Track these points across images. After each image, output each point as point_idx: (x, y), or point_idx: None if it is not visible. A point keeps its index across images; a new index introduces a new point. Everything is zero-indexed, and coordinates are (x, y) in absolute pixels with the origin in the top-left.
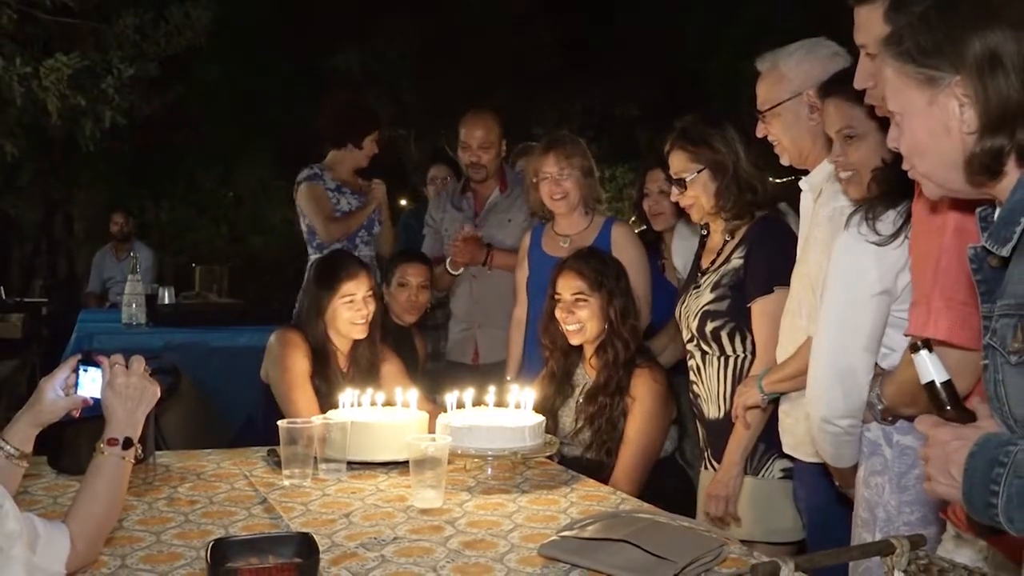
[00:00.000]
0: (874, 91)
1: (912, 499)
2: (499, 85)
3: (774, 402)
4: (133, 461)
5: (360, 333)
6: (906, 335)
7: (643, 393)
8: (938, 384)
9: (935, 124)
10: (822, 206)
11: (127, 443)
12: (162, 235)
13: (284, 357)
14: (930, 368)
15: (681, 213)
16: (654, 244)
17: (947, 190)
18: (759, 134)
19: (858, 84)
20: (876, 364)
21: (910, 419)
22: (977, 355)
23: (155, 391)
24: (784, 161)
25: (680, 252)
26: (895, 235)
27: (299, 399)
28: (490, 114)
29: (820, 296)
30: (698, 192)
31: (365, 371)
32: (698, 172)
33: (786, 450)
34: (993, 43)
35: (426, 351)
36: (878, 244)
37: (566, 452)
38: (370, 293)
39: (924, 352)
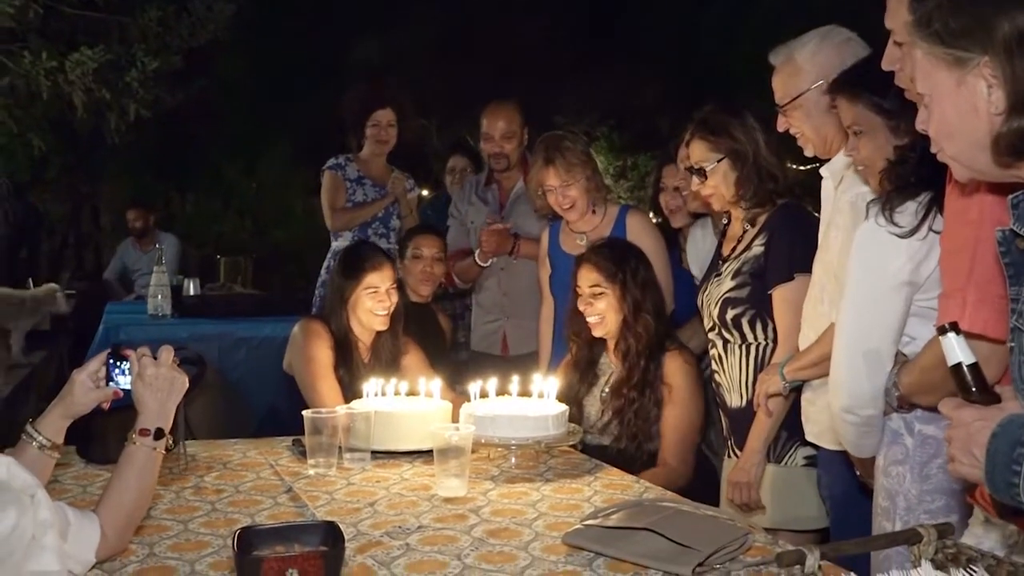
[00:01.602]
0: (901, 74)
1: (934, 487)
2: (520, 74)
3: (796, 390)
4: (164, 451)
5: (381, 325)
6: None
7: (679, 379)
8: (965, 366)
9: (963, 105)
10: (844, 192)
11: (159, 434)
12: (187, 227)
13: (308, 347)
14: (957, 350)
15: (696, 216)
16: (672, 235)
17: (975, 172)
18: (780, 128)
19: (885, 66)
20: (898, 352)
21: (927, 409)
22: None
23: (184, 381)
24: (808, 152)
25: (694, 256)
26: (918, 227)
27: (323, 389)
28: (512, 104)
29: (842, 284)
30: (718, 181)
31: (387, 363)
32: (718, 161)
33: (809, 438)
34: (1022, 23)
35: (452, 329)
36: (900, 236)
37: (589, 441)
38: (394, 286)
39: (952, 334)
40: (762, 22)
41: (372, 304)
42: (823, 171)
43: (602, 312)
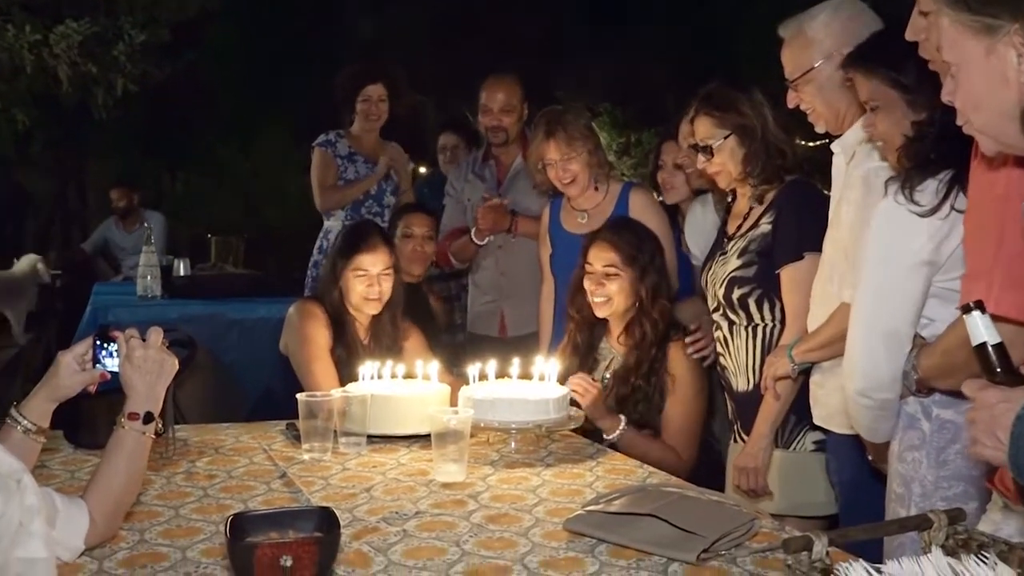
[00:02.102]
0: (927, 44)
1: (951, 474)
2: (522, 50)
3: (805, 373)
4: (153, 436)
5: (371, 309)
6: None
7: (681, 370)
8: (990, 346)
9: (992, 74)
10: (855, 167)
11: (148, 418)
12: (177, 206)
13: (303, 328)
14: (982, 329)
15: (696, 193)
16: (671, 214)
17: (1003, 144)
18: (790, 104)
19: (909, 36)
20: (916, 334)
21: (946, 393)
22: None
23: (173, 363)
24: (819, 128)
25: (693, 233)
26: (939, 206)
27: (319, 372)
28: (511, 77)
29: (856, 262)
30: (725, 159)
31: (387, 349)
32: (724, 138)
33: (817, 422)
34: None
35: (448, 310)
36: (920, 215)
37: (590, 427)
38: (387, 271)
39: (976, 313)
40: None
41: (361, 288)
42: (834, 146)
43: (611, 294)
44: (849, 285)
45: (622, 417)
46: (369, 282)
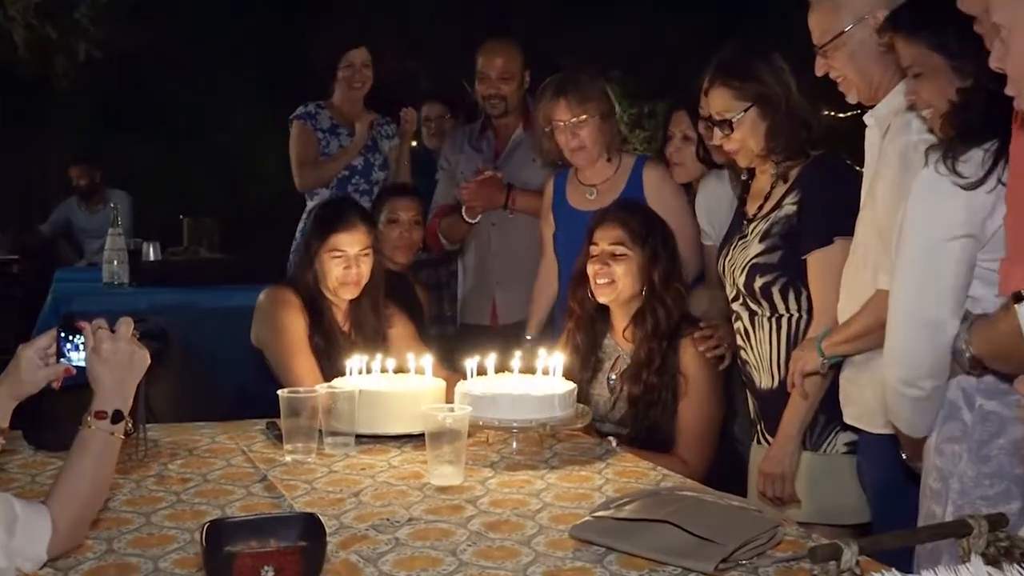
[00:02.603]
0: (972, 2)
1: (993, 471)
2: (524, 11)
3: (835, 368)
4: (122, 436)
5: (349, 294)
6: (1000, 295)
7: (694, 368)
8: None
9: None
10: (891, 141)
11: (117, 416)
12: (146, 184)
13: (278, 318)
14: None
15: (711, 165)
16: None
17: None
18: (819, 72)
19: None
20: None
21: (999, 376)
22: None
23: (145, 357)
24: (852, 98)
25: (706, 210)
26: (984, 178)
27: (299, 365)
28: (510, 41)
29: (893, 244)
30: (745, 133)
31: (369, 338)
32: (745, 111)
33: (849, 421)
34: None
35: (437, 299)
36: (963, 187)
37: (599, 428)
38: (365, 251)
39: None
40: None
41: (338, 271)
42: (867, 118)
43: (617, 276)
44: (885, 270)
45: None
46: (346, 264)
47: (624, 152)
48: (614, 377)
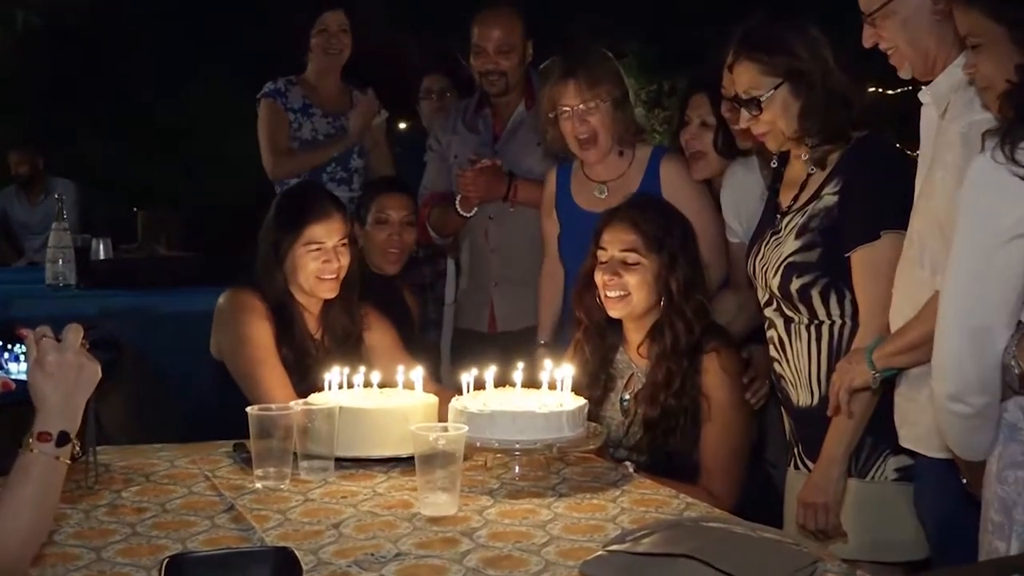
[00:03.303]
0: None
1: None
2: None
3: (887, 383)
4: (69, 461)
5: (328, 291)
6: None
7: (718, 391)
8: None
9: None
10: (952, 121)
11: (62, 438)
12: (94, 172)
13: (241, 325)
14: None
15: (731, 156)
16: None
17: None
18: (867, 43)
19: None
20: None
21: None
22: None
23: (95, 370)
24: (904, 73)
25: (733, 203)
26: None
27: (267, 378)
28: (510, 9)
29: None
30: (776, 114)
31: (341, 341)
32: (775, 88)
33: (906, 444)
34: None
35: (420, 312)
36: (1022, 178)
37: (614, 454)
38: (343, 242)
39: None
40: None
41: (316, 265)
42: (923, 95)
43: (630, 288)
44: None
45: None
46: (326, 257)
47: (638, 143)
48: (628, 397)
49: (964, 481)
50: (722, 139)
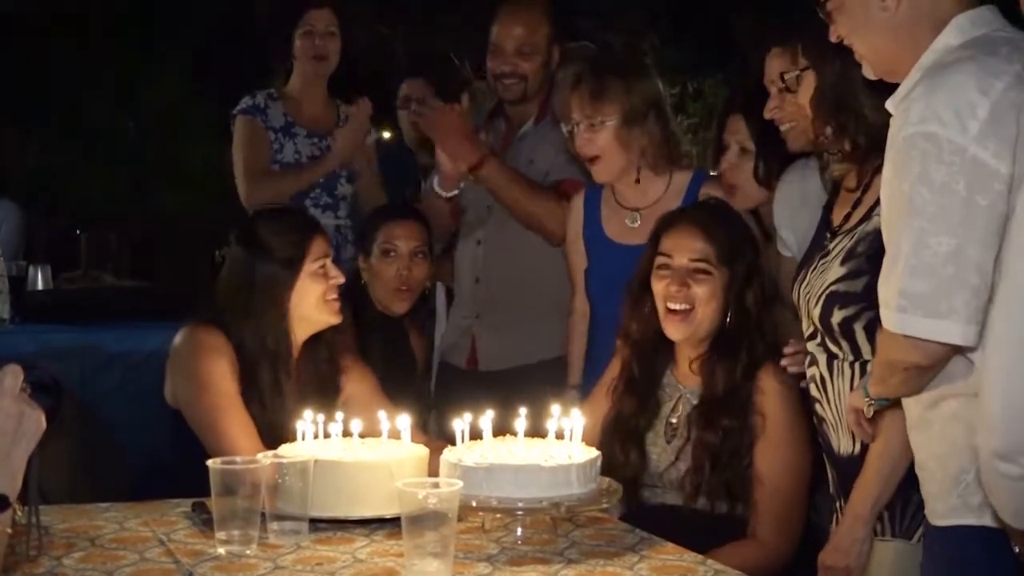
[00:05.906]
0: None
1: None
2: None
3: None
4: (9, 530)
5: (337, 316)
6: None
7: (773, 406)
8: None
9: None
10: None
11: (2, 503)
12: (31, 187)
13: (200, 368)
14: None
15: (771, 187)
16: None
17: None
18: (833, 39)
19: None
20: None
21: None
22: None
23: (38, 420)
24: (867, 73)
25: (788, 218)
26: None
27: (231, 428)
28: (537, 6)
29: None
30: (803, 100)
31: (316, 386)
32: (802, 70)
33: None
34: None
35: (425, 355)
36: None
37: (649, 499)
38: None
39: None
40: None
41: (321, 287)
42: (889, 104)
43: (697, 302)
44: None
45: None
46: (332, 275)
47: (679, 166)
48: (675, 422)
49: (1016, 549)
50: (762, 168)
